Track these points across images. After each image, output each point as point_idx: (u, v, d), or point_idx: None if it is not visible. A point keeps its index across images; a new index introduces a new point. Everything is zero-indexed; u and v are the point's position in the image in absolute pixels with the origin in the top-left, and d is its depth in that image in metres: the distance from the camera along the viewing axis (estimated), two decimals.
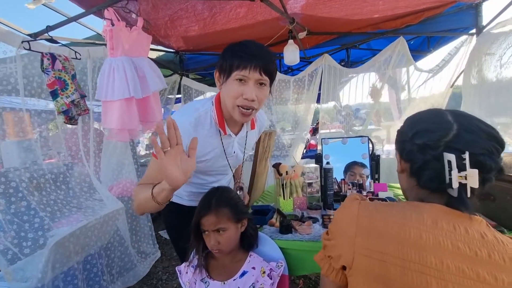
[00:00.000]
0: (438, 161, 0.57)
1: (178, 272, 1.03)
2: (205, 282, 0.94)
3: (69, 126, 1.96)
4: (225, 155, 1.05)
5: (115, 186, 2.29)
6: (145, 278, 2.27)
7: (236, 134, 1.04)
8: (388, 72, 2.70)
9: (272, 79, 0.90)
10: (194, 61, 3.05)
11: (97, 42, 2.05)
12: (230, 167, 1.14)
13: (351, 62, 3.41)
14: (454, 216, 0.57)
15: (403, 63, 2.69)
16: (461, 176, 0.54)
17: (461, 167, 0.54)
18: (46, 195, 1.67)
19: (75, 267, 1.63)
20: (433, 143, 0.58)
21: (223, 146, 1.03)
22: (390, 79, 2.95)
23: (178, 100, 3.49)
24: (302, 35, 2.25)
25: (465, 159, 0.53)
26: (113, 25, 1.54)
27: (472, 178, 0.53)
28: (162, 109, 4.37)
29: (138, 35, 1.71)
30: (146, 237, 2.51)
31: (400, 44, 2.52)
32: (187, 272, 0.99)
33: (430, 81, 2.92)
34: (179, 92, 3.05)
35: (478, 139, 0.56)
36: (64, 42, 1.74)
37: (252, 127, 1.11)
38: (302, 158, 3.01)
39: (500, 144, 0.57)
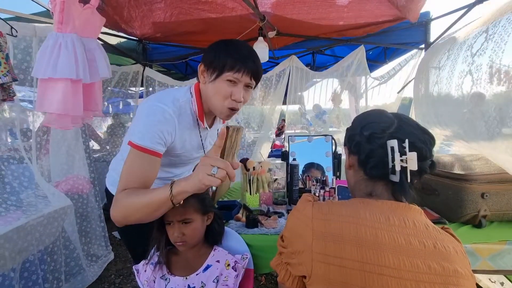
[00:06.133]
0: (383, 148, 0.63)
1: (135, 271, 0.95)
2: (166, 279, 0.88)
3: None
4: (202, 147, 1.03)
5: (63, 182, 2.05)
6: (95, 283, 2.07)
7: (209, 127, 1.03)
8: (347, 78, 2.87)
9: (257, 83, 0.93)
10: (159, 52, 2.88)
11: (45, 19, 1.81)
12: None
13: (316, 67, 3.56)
14: (401, 210, 0.61)
15: (359, 71, 2.88)
16: (402, 160, 0.59)
17: (402, 153, 0.60)
18: None
19: (11, 275, 1.41)
20: (378, 133, 0.64)
21: (201, 138, 1.01)
22: (350, 86, 3.14)
23: (140, 94, 3.26)
24: (271, 34, 2.28)
25: (405, 146, 0.59)
26: None
27: (412, 161, 0.58)
28: (121, 102, 4.06)
29: (91, 14, 1.53)
30: (97, 239, 2.29)
31: (360, 53, 2.70)
32: (145, 271, 0.92)
33: (382, 90, 3.18)
34: (142, 85, 2.85)
35: (415, 131, 0.64)
36: (2, 16, 1.50)
37: (223, 121, 1.12)
38: (268, 157, 3.04)
39: (432, 138, 0.65)
